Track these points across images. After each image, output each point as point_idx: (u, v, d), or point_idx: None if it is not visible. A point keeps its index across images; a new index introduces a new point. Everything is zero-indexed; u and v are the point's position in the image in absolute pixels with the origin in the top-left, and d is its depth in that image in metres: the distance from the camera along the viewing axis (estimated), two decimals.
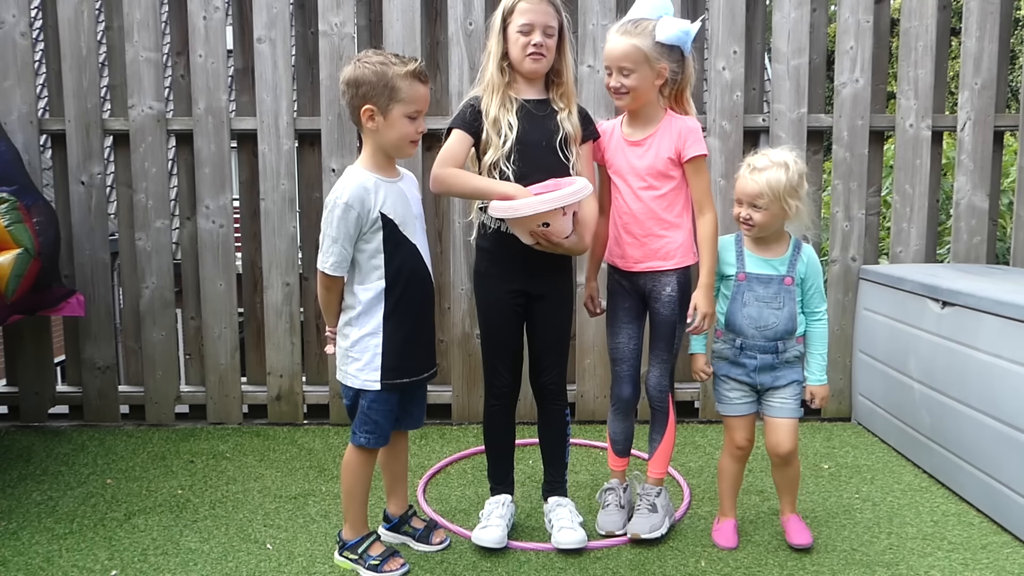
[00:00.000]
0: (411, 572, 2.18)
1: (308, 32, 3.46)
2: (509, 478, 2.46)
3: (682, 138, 2.26)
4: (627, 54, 2.21)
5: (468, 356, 3.41)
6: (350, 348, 2.13)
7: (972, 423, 2.55)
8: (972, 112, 3.35)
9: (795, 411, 2.29)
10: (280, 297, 3.40)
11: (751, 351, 2.26)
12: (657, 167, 2.28)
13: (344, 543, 2.21)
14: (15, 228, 2.88)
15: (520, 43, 2.21)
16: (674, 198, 2.30)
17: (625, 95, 2.25)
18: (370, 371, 2.11)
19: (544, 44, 2.22)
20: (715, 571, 2.19)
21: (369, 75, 2.01)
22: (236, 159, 3.52)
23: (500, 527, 2.30)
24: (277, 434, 3.33)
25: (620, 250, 2.36)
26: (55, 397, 3.48)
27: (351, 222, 2.04)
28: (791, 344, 2.27)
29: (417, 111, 2.06)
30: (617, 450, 2.50)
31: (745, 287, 2.25)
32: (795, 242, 2.28)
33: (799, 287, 2.26)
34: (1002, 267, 3.34)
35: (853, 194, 3.37)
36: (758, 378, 2.27)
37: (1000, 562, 2.23)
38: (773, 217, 2.19)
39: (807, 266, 2.26)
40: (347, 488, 2.19)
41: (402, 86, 2.01)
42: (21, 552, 2.29)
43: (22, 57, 3.30)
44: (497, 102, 2.24)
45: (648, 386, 2.43)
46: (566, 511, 2.37)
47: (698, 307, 2.28)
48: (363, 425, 2.14)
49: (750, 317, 2.24)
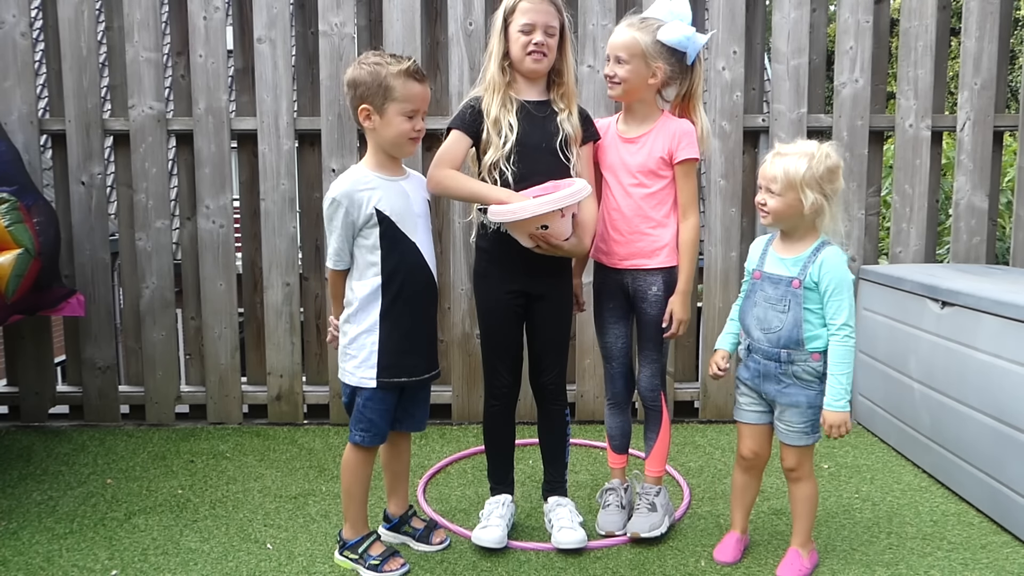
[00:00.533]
0: (411, 572, 2.18)
1: (308, 32, 3.46)
2: (509, 478, 2.46)
3: (676, 139, 2.28)
4: (625, 44, 2.24)
5: (468, 356, 3.41)
6: (348, 345, 2.15)
7: (972, 423, 2.55)
8: (972, 112, 3.35)
9: (800, 438, 2.11)
10: (280, 297, 3.40)
11: (756, 354, 2.14)
12: (649, 165, 2.30)
13: (344, 542, 2.21)
14: (15, 228, 2.88)
15: (521, 42, 2.21)
16: (663, 197, 2.31)
17: (617, 85, 2.28)
18: (366, 368, 2.12)
19: (545, 43, 2.21)
20: (715, 571, 2.19)
21: (365, 75, 2.05)
22: (236, 159, 3.52)
23: (500, 527, 2.30)
24: (277, 434, 3.33)
25: (606, 246, 2.37)
26: (55, 397, 3.48)
27: (340, 217, 2.08)
28: (800, 357, 2.07)
29: (413, 109, 2.07)
30: (614, 446, 2.51)
31: (758, 286, 2.15)
32: (819, 244, 2.07)
33: (814, 292, 2.05)
34: (1002, 267, 3.34)
35: (853, 194, 3.37)
36: (763, 386, 2.14)
37: (1000, 562, 2.23)
38: (788, 207, 2.03)
39: (821, 269, 2.03)
40: (346, 487, 2.20)
41: (395, 84, 2.03)
42: (21, 552, 2.29)
43: (22, 57, 3.30)
44: (498, 102, 2.24)
45: (640, 387, 2.43)
46: (566, 511, 2.37)
47: (674, 312, 2.31)
48: (359, 423, 2.15)
49: (757, 318, 2.13)
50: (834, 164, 2.03)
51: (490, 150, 2.22)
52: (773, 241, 2.18)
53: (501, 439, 2.45)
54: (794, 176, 2.01)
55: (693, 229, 2.32)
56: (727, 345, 2.27)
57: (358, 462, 2.18)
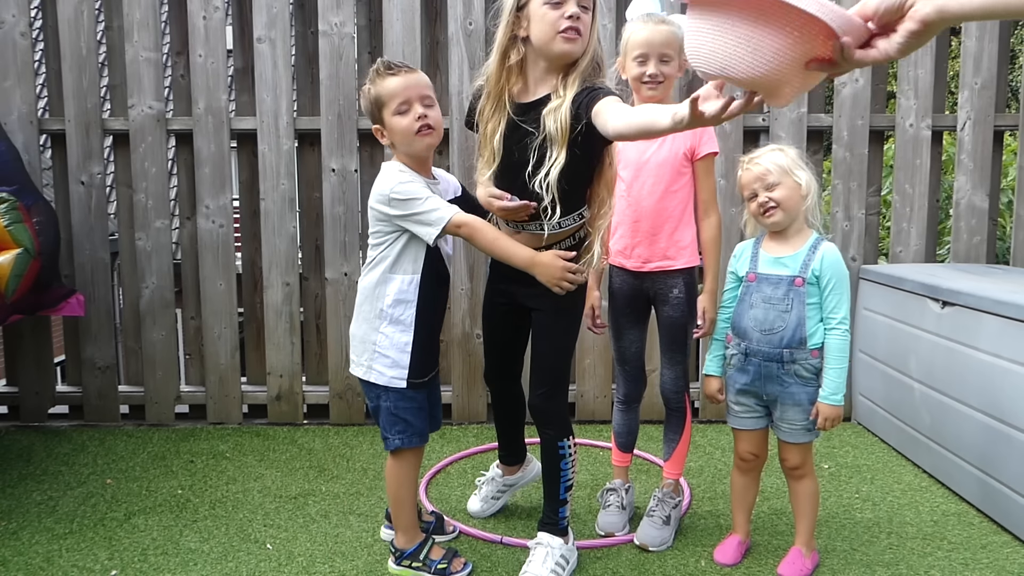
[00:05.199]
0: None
1: (308, 32, 3.46)
2: (505, 451, 2.48)
3: (697, 134, 2.23)
4: (669, 41, 2.17)
5: (468, 356, 3.41)
6: (382, 344, 2.07)
7: (972, 423, 2.55)
8: (972, 112, 3.35)
9: (803, 435, 2.11)
10: (280, 297, 3.40)
11: (755, 357, 2.10)
12: (672, 163, 2.25)
13: (401, 552, 2.14)
14: (15, 228, 2.88)
15: (550, 19, 1.84)
16: (684, 196, 2.27)
17: (660, 84, 2.19)
18: (398, 369, 2.07)
19: (581, 18, 1.84)
20: (715, 571, 2.19)
21: (365, 102, 2.08)
22: (236, 159, 3.52)
23: (476, 498, 2.49)
24: (277, 434, 3.33)
25: (628, 250, 2.32)
26: (55, 397, 3.47)
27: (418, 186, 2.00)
28: (802, 355, 2.06)
29: (402, 102, 2.00)
30: (620, 443, 2.49)
31: (754, 288, 2.13)
32: (815, 240, 2.09)
33: (815, 287, 2.05)
34: (1002, 267, 3.34)
35: (853, 194, 3.37)
36: (765, 388, 2.11)
37: (1000, 562, 2.23)
38: (791, 192, 2.05)
39: (823, 263, 2.04)
40: (394, 495, 2.14)
41: (379, 91, 2.02)
42: (21, 552, 2.29)
43: (22, 57, 3.30)
44: (489, 111, 2.02)
45: (664, 388, 2.40)
46: (541, 553, 2.09)
47: (707, 311, 2.27)
48: (393, 427, 2.09)
49: (755, 320, 2.09)
50: (797, 152, 2.11)
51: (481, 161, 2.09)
52: (762, 242, 2.16)
53: (496, 418, 2.46)
54: (781, 163, 2.07)
55: (716, 227, 2.27)
56: (717, 369, 2.23)
57: (401, 467, 2.12)
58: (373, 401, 2.12)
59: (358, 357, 2.12)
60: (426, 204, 1.98)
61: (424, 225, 1.99)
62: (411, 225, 2.01)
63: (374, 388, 2.10)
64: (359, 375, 2.11)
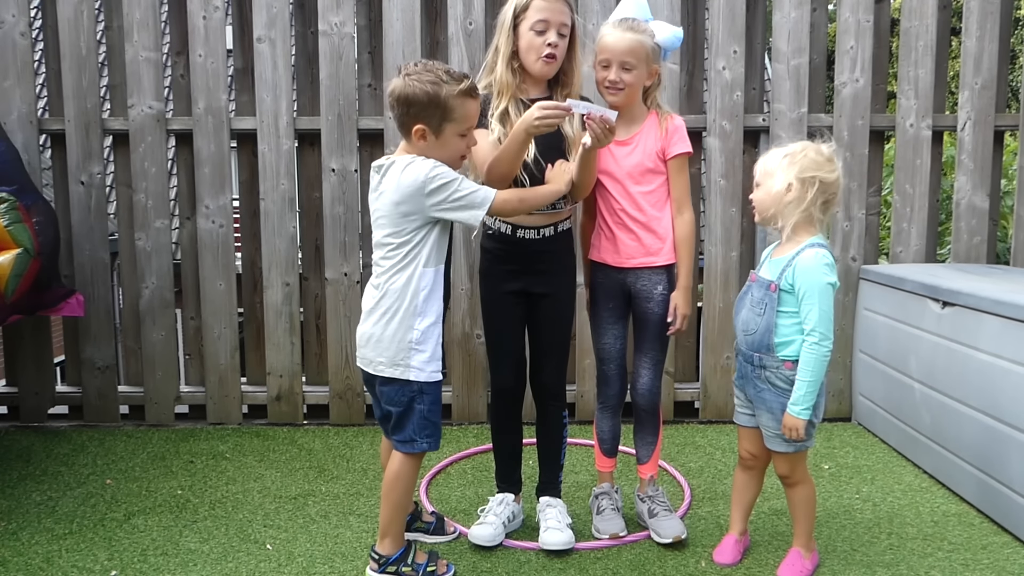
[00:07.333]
0: None
1: (308, 32, 3.46)
2: (514, 477, 2.46)
3: (668, 135, 2.29)
4: (632, 49, 2.20)
5: (468, 356, 3.41)
6: (415, 339, 1.98)
7: (972, 423, 2.55)
8: (972, 112, 3.35)
9: (780, 444, 2.08)
10: (280, 297, 3.40)
11: (740, 356, 2.15)
12: (645, 164, 2.29)
13: (386, 558, 2.08)
14: (15, 228, 2.88)
15: (535, 44, 2.15)
16: (662, 194, 2.32)
17: (621, 91, 2.24)
18: (435, 361, 2.01)
19: (558, 45, 2.16)
20: (715, 571, 2.19)
21: (420, 95, 1.91)
22: (236, 159, 3.51)
23: (494, 524, 2.31)
24: (277, 434, 3.33)
25: (613, 246, 2.35)
26: (55, 397, 3.47)
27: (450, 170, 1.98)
28: (772, 363, 2.04)
29: (469, 127, 2.00)
30: (605, 449, 2.50)
31: (751, 288, 2.15)
32: (803, 247, 2.02)
33: (791, 295, 2.02)
34: (1002, 267, 3.34)
35: (853, 194, 3.37)
36: (745, 387, 2.15)
37: (1000, 562, 2.23)
38: (765, 193, 2.05)
39: (795, 271, 2.00)
40: (396, 501, 2.06)
41: (455, 106, 1.93)
42: (21, 552, 2.29)
43: (22, 57, 3.30)
44: (513, 108, 2.18)
45: (639, 390, 2.40)
46: (555, 512, 2.35)
47: (678, 307, 2.31)
48: (423, 430, 2.01)
49: (742, 320, 2.13)
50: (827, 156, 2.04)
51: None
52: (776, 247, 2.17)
53: (506, 438, 2.44)
54: (766, 162, 2.08)
55: (689, 224, 2.32)
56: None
57: (414, 469, 2.07)
58: (401, 405, 2.01)
59: (391, 358, 1.99)
60: (465, 186, 1.95)
61: (466, 209, 1.95)
62: (450, 212, 1.95)
63: (408, 390, 2.00)
64: (395, 375, 2.00)
